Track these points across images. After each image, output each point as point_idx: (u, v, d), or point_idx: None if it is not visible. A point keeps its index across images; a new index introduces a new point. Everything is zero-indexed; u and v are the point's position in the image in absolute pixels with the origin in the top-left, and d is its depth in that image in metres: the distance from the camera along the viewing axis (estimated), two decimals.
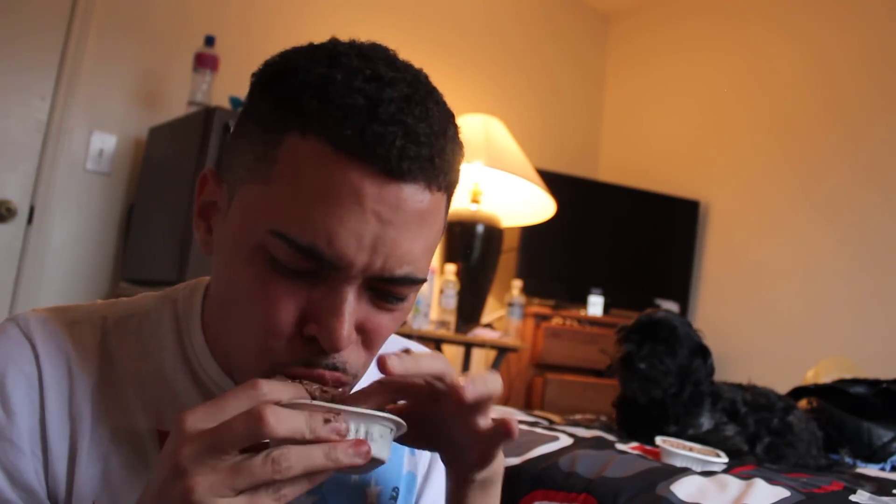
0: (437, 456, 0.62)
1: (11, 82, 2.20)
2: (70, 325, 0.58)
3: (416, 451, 0.70)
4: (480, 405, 0.53)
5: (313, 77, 0.49)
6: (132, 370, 0.58)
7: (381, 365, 0.47)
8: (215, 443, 0.43)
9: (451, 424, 0.55)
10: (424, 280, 0.53)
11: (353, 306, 0.50)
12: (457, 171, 0.54)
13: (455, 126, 0.55)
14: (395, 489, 0.68)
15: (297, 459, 0.43)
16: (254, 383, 0.46)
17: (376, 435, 0.47)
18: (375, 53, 0.52)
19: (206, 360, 0.59)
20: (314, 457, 0.44)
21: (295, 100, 0.49)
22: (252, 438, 0.43)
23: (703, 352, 1.49)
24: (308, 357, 0.51)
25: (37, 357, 0.55)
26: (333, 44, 0.53)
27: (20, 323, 0.57)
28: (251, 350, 0.52)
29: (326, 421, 0.45)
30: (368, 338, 0.53)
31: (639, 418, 1.49)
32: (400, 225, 0.49)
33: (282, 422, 0.43)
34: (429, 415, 0.55)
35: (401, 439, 0.55)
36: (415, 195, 0.49)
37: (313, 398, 0.49)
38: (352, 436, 0.46)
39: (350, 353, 0.52)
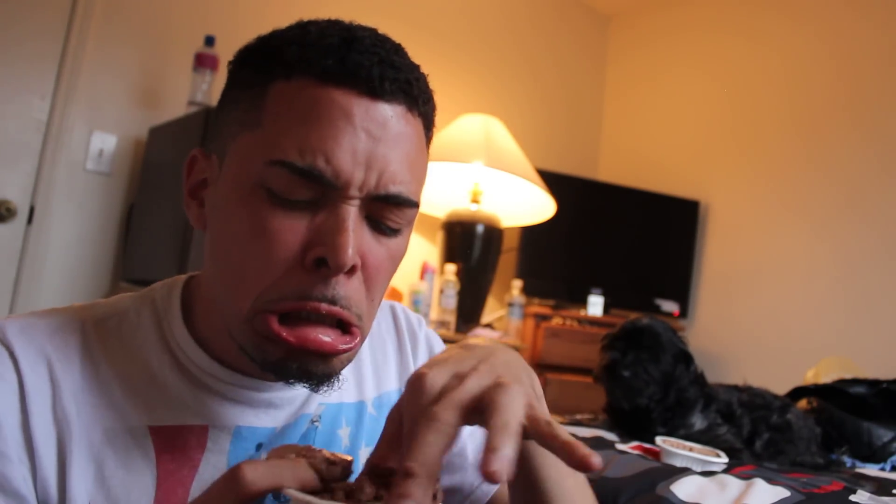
0: None
1: (11, 82, 2.20)
2: (48, 328, 0.58)
3: None
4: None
5: (289, 35, 0.54)
6: (118, 370, 0.58)
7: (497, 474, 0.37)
8: None
9: None
10: (417, 204, 0.55)
11: (354, 225, 0.52)
12: (432, 110, 0.58)
13: (426, 79, 0.58)
14: None
15: None
16: (235, 473, 0.41)
17: None
18: (346, 21, 0.58)
19: (191, 349, 0.59)
20: None
21: (275, 54, 0.54)
22: None
23: (686, 358, 1.51)
24: (307, 289, 0.51)
25: (16, 364, 0.55)
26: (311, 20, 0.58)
27: None
28: (252, 290, 0.52)
29: None
30: (368, 273, 0.54)
31: (627, 422, 1.50)
32: (389, 142, 0.52)
33: None
34: None
35: None
36: (398, 115, 0.53)
37: (319, 474, 0.43)
38: None
39: (350, 287, 0.53)
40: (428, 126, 0.58)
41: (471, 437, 0.72)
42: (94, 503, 0.55)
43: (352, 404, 0.68)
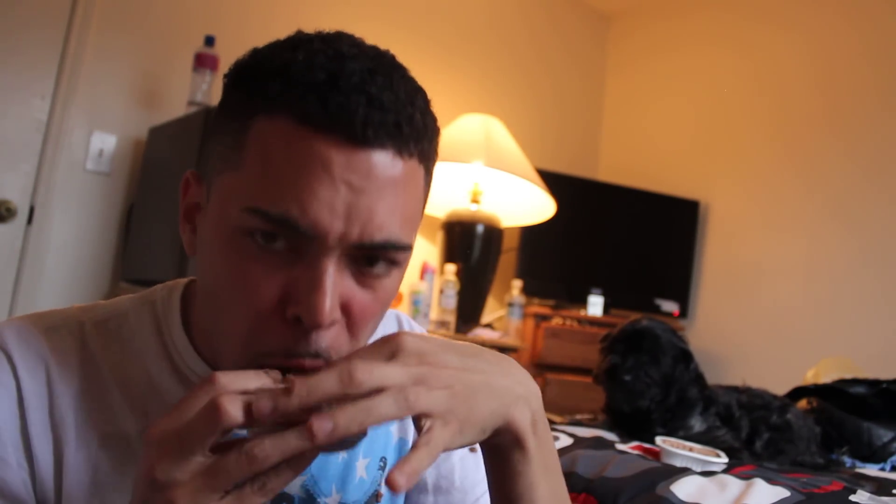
0: None
1: (11, 82, 2.20)
2: (47, 331, 0.57)
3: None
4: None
5: (276, 62, 0.50)
6: (116, 373, 0.57)
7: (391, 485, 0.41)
8: (182, 446, 0.42)
9: None
10: (406, 247, 0.52)
11: (333, 279, 0.49)
12: (430, 140, 0.54)
13: (424, 98, 0.54)
14: (383, 459, 0.68)
15: (272, 447, 0.41)
16: (210, 378, 0.43)
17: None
18: (339, 37, 0.53)
19: (189, 357, 0.59)
20: (288, 440, 0.41)
21: (260, 86, 0.50)
22: (214, 431, 0.41)
23: (686, 357, 1.50)
24: (290, 344, 0.49)
25: (14, 368, 0.54)
26: (297, 34, 0.54)
27: None
28: (236, 338, 0.51)
29: (287, 391, 0.42)
30: (353, 321, 0.51)
31: (627, 423, 1.50)
32: (373, 193, 0.49)
33: (241, 408, 0.41)
34: None
35: None
36: (385, 162, 0.49)
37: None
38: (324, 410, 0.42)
39: (334, 337, 0.50)
40: (426, 158, 0.54)
41: (460, 462, 0.71)
42: None
43: None
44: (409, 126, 0.50)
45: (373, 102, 0.48)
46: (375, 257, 0.51)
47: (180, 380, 0.58)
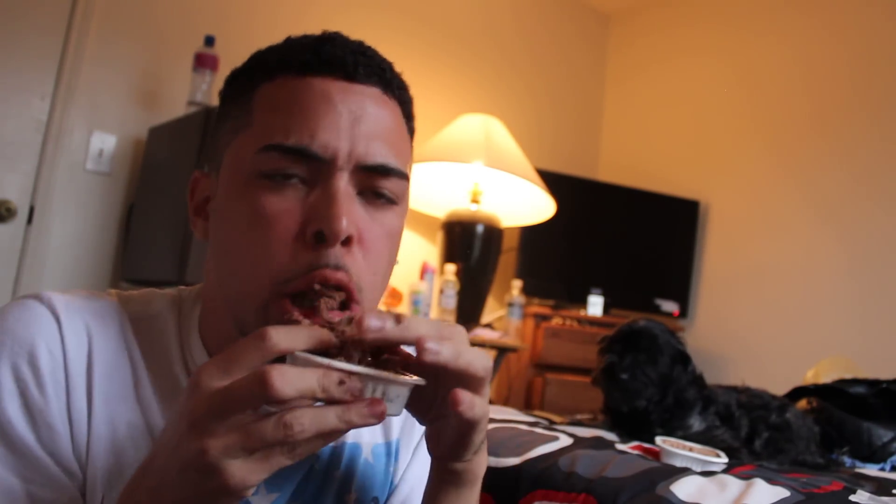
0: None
1: (11, 82, 2.20)
2: (92, 309, 0.59)
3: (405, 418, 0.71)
4: (462, 379, 0.50)
5: (269, 48, 0.60)
6: (149, 366, 0.60)
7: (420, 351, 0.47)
8: (226, 404, 0.43)
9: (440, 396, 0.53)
10: (406, 176, 0.59)
11: (346, 197, 0.54)
12: (407, 98, 0.63)
13: (399, 73, 0.62)
14: (375, 499, 0.67)
15: (310, 422, 0.43)
16: (262, 333, 0.45)
17: (392, 395, 0.46)
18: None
19: (198, 353, 0.62)
20: (327, 419, 0.43)
21: (258, 64, 0.60)
22: (259, 402, 0.42)
23: (683, 358, 1.51)
24: (311, 262, 0.53)
25: (62, 335, 0.56)
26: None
27: (44, 300, 0.57)
28: (262, 276, 0.54)
29: (341, 382, 0.44)
30: (366, 247, 0.56)
31: (626, 424, 1.51)
32: (369, 120, 0.56)
33: (289, 383, 0.42)
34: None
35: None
36: (375, 96, 0.57)
37: (338, 337, 0.47)
38: (367, 394, 0.45)
39: (350, 257, 0.54)
40: (406, 115, 0.62)
41: (419, 484, 0.69)
42: (107, 498, 0.56)
43: (350, 444, 0.67)
44: (391, 73, 0.59)
45: (357, 52, 0.58)
46: (379, 188, 0.57)
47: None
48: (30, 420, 0.53)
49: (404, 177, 0.58)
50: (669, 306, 3.09)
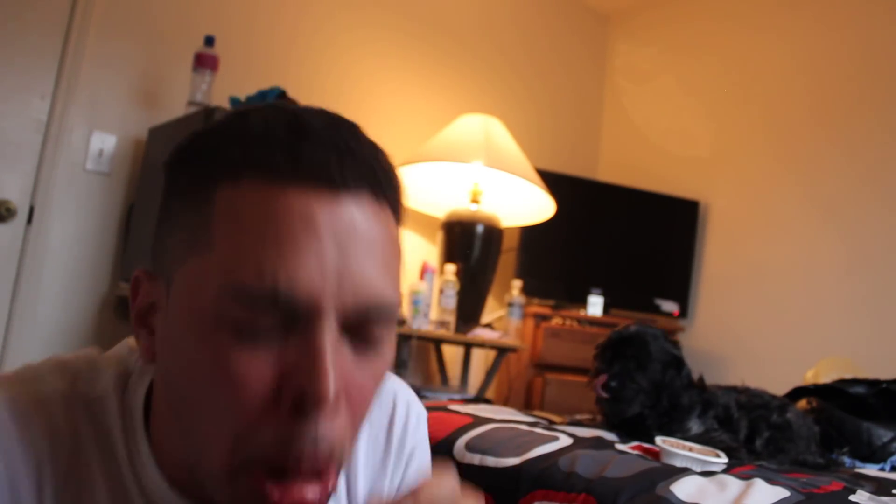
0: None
1: (11, 82, 2.20)
2: (40, 404, 0.50)
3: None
4: None
5: (229, 128, 0.47)
6: (103, 467, 0.51)
7: None
8: None
9: None
10: (397, 307, 0.48)
11: (332, 350, 0.43)
12: (398, 189, 0.50)
13: (385, 152, 0.50)
14: None
15: None
16: None
17: None
18: (287, 103, 0.51)
19: (152, 472, 0.51)
20: None
21: (216, 154, 0.46)
22: None
23: (677, 363, 1.50)
24: (285, 434, 0.43)
25: (5, 451, 0.47)
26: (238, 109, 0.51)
27: None
28: (221, 447, 0.44)
29: None
30: (353, 403, 0.46)
31: (623, 427, 1.51)
32: (361, 246, 0.45)
33: None
34: None
35: None
36: (365, 209, 0.45)
37: None
38: None
39: (335, 425, 0.44)
40: (396, 211, 0.50)
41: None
42: None
43: None
44: (381, 169, 0.47)
45: (343, 149, 0.45)
46: (370, 328, 0.46)
47: (143, 494, 0.51)
48: None
49: (396, 310, 0.48)
50: (669, 306, 3.09)
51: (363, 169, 0.46)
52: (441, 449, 1.30)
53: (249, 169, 0.44)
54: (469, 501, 0.45)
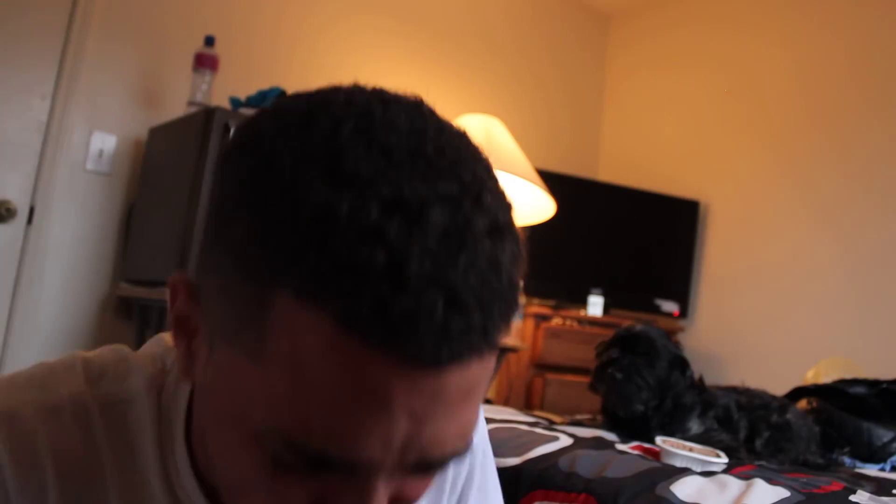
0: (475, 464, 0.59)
1: (11, 82, 2.20)
2: (48, 415, 0.46)
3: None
4: None
5: (306, 202, 0.35)
6: (119, 474, 0.47)
7: None
8: None
9: None
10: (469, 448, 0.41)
11: (383, 494, 0.38)
12: (517, 304, 0.40)
13: (514, 231, 0.41)
14: None
15: None
16: None
17: None
18: (395, 135, 0.37)
19: (188, 484, 0.48)
20: None
21: (283, 242, 0.35)
22: None
23: (681, 364, 1.50)
24: None
25: (4, 483, 0.44)
26: (333, 116, 0.37)
27: None
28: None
29: None
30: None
31: (624, 427, 1.51)
32: (440, 417, 0.37)
33: None
34: None
35: None
36: (461, 377, 0.36)
37: None
38: None
39: None
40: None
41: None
42: None
43: None
44: (501, 319, 0.37)
45: (451, 301, 0.34)
46: (432, 472, 0.41)
47: (174, 499, 0.48)
48: None
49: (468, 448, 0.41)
50: (669, 306, 3.09)
51: (472, 334, 0.35)
52: None
53: (321, 295, 0.34)
54: None
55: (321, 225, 0.34)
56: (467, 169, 0.38)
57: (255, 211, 0.37)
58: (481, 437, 0.61)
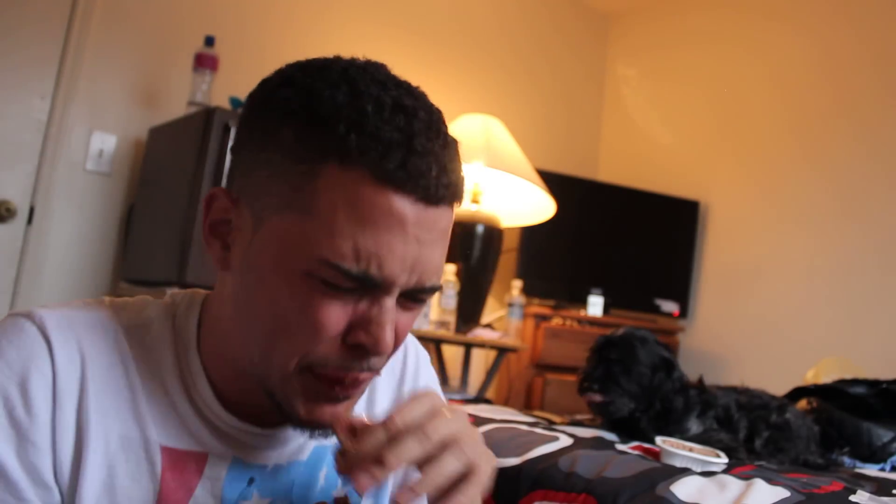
0: None
1: (11, 82, 2.20)
2: (86, 326, 0.59)
3: None
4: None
5: (342, 107, 0.53)
6: (142, 382, 0.60)
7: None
8: None
9: None
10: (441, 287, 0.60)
11: (393, 312, 0.56)
12: (464, 190, 0.60)
13: (455, 138, 0.59)
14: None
15: None
16: None
17: None
18: (382, 76, 0.56)
19: (200, 383, 0.61)
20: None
21: (328, 131, 0.52)
22: None
23: (667, 366, 1.50)
24: (347, 361, 0.56)
25: (53, 359, 0.56)
26: (340, 65, 0.57)
27: (36, 320, 0.57)
28: (292, 356, 0.56)
29: None
30: (396, 337, 0.58)
31: (621, 429, 1.51)
32: (432, 244, 0.55)
33: None
34: None
35: None
36: (444, 216, 0.56)
37: None
38: None
39: (383, 357, 0.58)
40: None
41: None
42: None
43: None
44: (462, 182, 0.58)
45: (440, 164, 0.54)
46: (421, 297, 0.58)
47: (190, 402, 0.61)
48: (13, 437, 0.54)
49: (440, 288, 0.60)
50: (669, 306, 3.09)
51: (453, 188, 0.55)
52: None
53: (361, 162, 0.52)
54: (448, 414, 0.55)
55: (356, 118, 0.52)
56: (421, 93, 0.58)
57: (301, 117, 0.54)
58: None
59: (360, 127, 0.52)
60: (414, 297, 0.58)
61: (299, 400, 0.57)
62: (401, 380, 0.77)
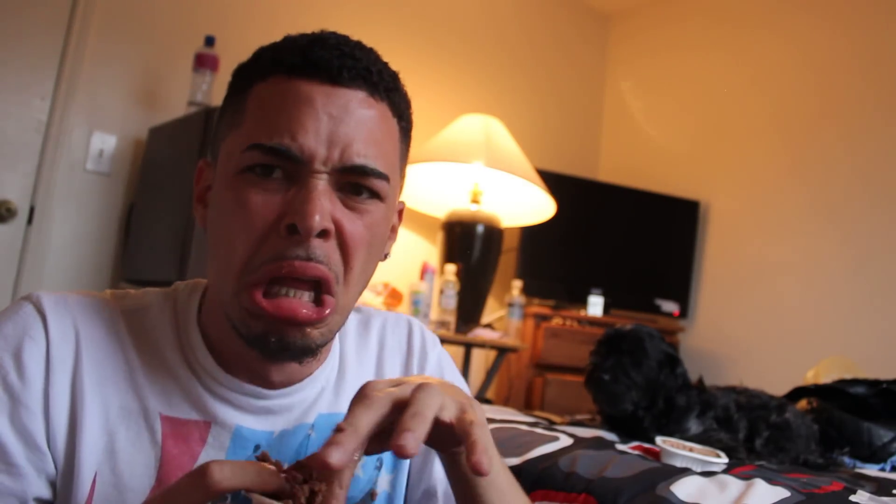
0: None
1: (11, 82, 2.20)
2: (81, 305, 0.63)
3: None
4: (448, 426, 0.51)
5: (272, 45, 0.62)
6: (142, 358, 0.63)
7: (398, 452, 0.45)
8: None
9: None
10: (384, 176, 0.60)
11: (322, 195, 0.57)
12: (402, 98, 0.64)
13: (395, 73, 0.63)
14: (380, 459, 0.71)
15: None
16: (204, 470, 0.46)
17: None
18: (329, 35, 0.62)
19: (200, 353, 0.64)
20: None
21: (255, 63, 0.62)
22: None
23: (672, 362, 1.50)
24: (281, 251, 0.57)
25: (46, 329, 0.59)
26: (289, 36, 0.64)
27: (33, 300, 0.61)
28: (235, 268, 0.58)
29: None
30: (344, 240, 0.59)
31: (621, 428, 1.51)
32: (350, 124, 0.58)
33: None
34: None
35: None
36: (359, 99, 0.59)
37: (286, 479, 0.48)
38: None
39: (325, 247, 0.58)
40: (398, 114, 0.63)
41: (441, 482, 0.74)
42: (100, 472, 0.59)
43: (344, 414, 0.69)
44: (379, 75, 0.60)
45: (345, 54, 0.59)
46: (359, 186, 0.59)
47: (192, 371, 0.64)
48: (6, 401, 0.56)
49: (383, 177, 0.60)
50: (669, 306, 3.09)
51: (359, 70, 0.59)
52: None
53: (275, 67, 0.60)
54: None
55: (276, 45, 0.62)
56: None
57: (240, 69, 0.64)
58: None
59: (275, 48, 0.61)
60: (349, 184, 0.59)
61: (245, 314, 0.58)
62: (407, 356, 0.78)
